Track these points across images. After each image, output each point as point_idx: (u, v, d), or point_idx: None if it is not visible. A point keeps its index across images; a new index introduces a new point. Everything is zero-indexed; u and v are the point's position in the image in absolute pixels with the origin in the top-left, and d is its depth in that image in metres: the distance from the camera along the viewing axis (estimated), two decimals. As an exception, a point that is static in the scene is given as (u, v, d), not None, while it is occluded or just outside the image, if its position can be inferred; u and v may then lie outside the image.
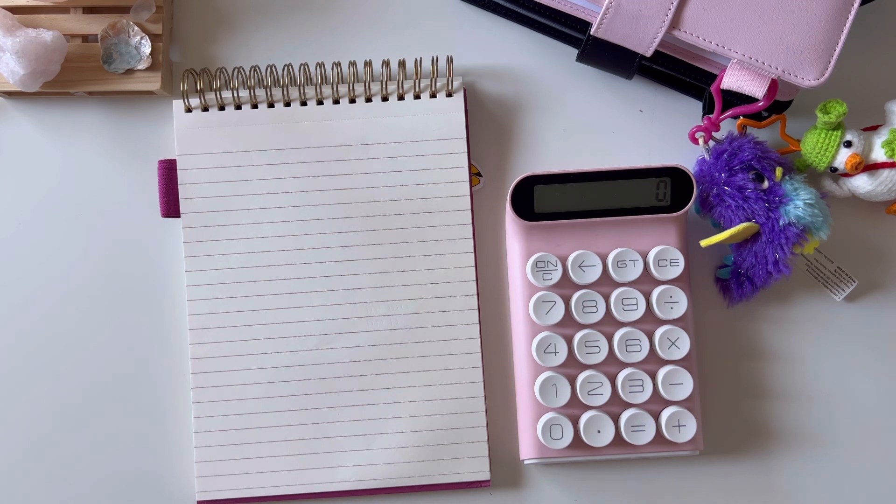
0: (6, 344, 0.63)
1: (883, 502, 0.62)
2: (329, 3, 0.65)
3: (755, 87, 0.56)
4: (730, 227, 0.59)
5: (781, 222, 0.58)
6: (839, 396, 0.62)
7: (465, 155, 0.62)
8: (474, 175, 0.63)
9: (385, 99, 0.63)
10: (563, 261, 0.60)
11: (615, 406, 0.60)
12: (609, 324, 0.60)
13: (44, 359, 0.63)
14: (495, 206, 0.63)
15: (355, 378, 0.61)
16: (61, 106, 0.64)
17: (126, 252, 0.63)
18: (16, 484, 0.62)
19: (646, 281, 0.60)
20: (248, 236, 0.62)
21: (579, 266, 0.60)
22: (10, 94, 0.63)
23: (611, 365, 0.60)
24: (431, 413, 0.61)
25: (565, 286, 0.60)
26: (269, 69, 0.62)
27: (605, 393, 0.59)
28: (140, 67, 0.62)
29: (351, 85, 0.62)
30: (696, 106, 0.64)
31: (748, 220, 0.59)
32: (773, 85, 0.57)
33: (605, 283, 0.60)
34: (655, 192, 0.60)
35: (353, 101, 0.63)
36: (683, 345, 0.59)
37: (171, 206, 0.62)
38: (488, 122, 0.64)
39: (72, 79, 0.62)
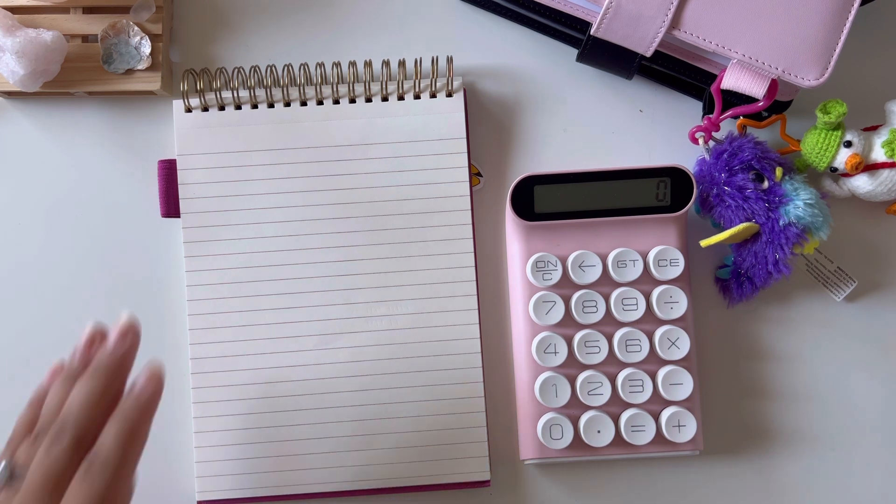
0: (6, 343, 0.63)
1: (883, 502, 0.62)
2: (329, 3, 0.65)
3: (755, 87, 0.56)
4: (730, 227, 0.59)
5: (781, 222, 0.58)
6: (839, 396, 0.62)
7: (465, 155, 0.62)
8: (474, 175, 0.63)
9: (385, 99, 0.63)
10: (563, 261, 0.60)
11: (615, 406, 0.60)
12: (609, 324, 0.60)
13: (43, 359, 0.63)
14: (495, 206, 0.63)
15: (355, 378, 0.61)
16: (61, 106, 0.64)
17: (126, 252, 0.63)
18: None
19: (646, 281, 0.60)
20: (248, 236, 0.62)
21: (579, 266, 0.60)
22: (10, 94, 0.63)
23: (611, 365, 0.60)
24: (431, 413, 0.61)
25: (565, 286, 0.60)
26: (269, 69, 0.62)
27: (605, 393, 0.59)
28: (140, 67, 0.62)
29: (351, 85, 0.62)
30: (696, 106, 0.64)
31: (748, 220, 0.59)
32: (773, 85, 0.57)
33: (605, 283, 0.60)
34: (655, 192, 0.60)
35: (353, 101, 0.63)
36: (683, 345, 0.59)
37: (171, 206, 0.62)
38: (488, 122, 0.64)
39: (72, 79, 0.62)
